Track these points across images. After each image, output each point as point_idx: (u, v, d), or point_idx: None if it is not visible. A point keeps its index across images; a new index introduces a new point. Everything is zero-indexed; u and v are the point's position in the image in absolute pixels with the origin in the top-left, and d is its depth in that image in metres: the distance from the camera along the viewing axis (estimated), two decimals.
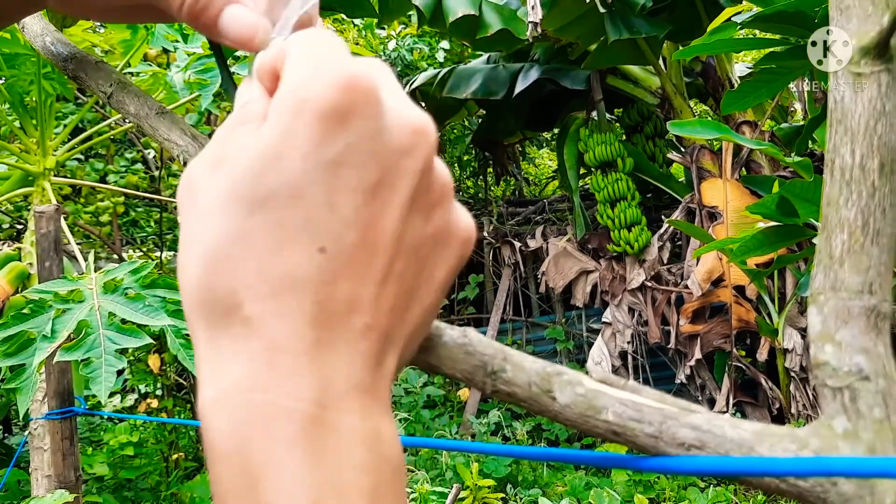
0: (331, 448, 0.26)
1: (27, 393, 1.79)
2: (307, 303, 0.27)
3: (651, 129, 5.99)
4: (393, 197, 0.29)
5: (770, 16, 1.34)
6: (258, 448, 0.26)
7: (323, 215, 0.28)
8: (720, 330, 4.79)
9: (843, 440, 0.33)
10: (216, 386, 0.27)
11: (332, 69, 0.28)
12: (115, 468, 4.08)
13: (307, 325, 0.27)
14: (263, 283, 0.27)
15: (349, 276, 0.28)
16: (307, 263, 0.28)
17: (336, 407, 0.27)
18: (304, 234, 0.28)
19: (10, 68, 2.45)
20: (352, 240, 0.28)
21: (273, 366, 0.27)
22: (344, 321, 0.28)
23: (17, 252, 2.55)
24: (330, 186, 0.28)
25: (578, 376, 0.40)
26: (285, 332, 0.27)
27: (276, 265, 0.27)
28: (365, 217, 0.29)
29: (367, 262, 0.29)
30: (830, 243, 0.34)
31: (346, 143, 0.28)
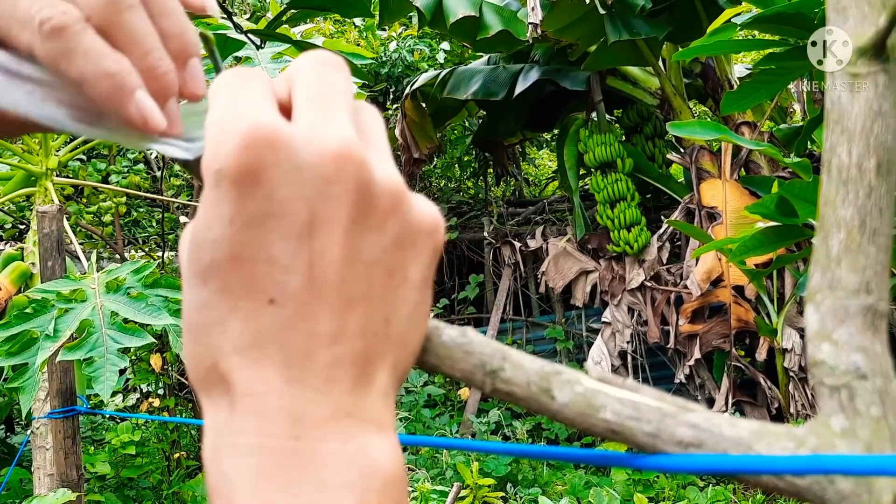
0: (309, 474, 0.28)
1: (30, 392, 1.80)
2: (269, 351, 0.29)
3: (650, 130, 5.99)
4: (332, 229, 0.30)
5: (769, 17, 1.34)
6: (238, 486, 0.28)
7: (263, 270, 0.29)
8: (719, 330, 4.79)
9: (841, 438, 0.33)
10: (208, 439, 0.30)
11: (231, 129, 0.29)
12: (117, 467, 4.08)
13: (273, 370, 0.29)
14: (227, 343, 0.29)
15: (305, 317, 0.29)
16: (261, 317, 0.29)
17: (311, 436, 0.28)
18: (252, 292, 0.29)
19: None
20: (298, 284, 0.29)
21: (247, 410, 0.29)
22: (311, 357, 0.29)
23: (19, 252, 2.55)
24: (261, 241, 0.29)
25: (577, 375, 0.40)
26: (254, 380, 0.29)
27: (235, 325, 0.29)
28: (306, 258, 0.29)
29: (320, 297, 0.29)
30: (827, 243, 0.34)
31: (265, 196, 0.29)
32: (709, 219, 4.79)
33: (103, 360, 1.71)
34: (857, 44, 0.34)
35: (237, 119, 0.29)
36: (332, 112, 0.31)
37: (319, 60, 0.34)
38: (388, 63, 7.11)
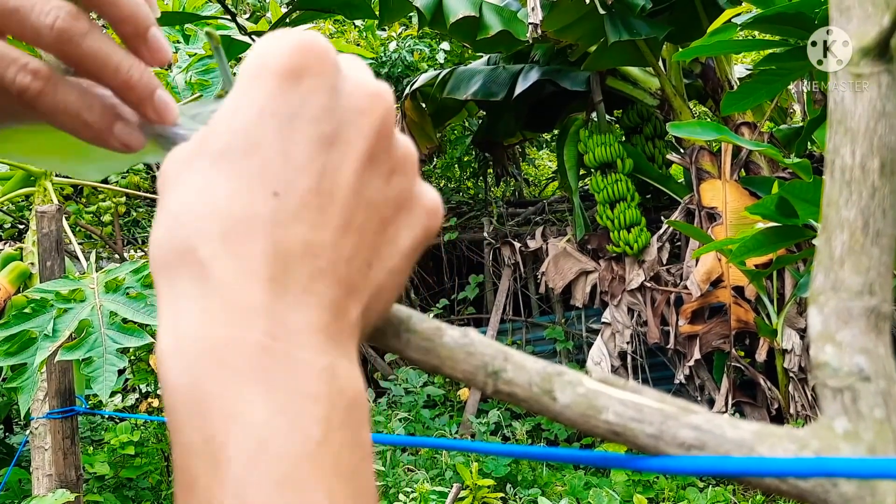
0: (281, 376, 0.27)
1: (28, 392, 1.80)
2: (261, 243, 0.28)
3: (650, 131, 6.00)
4: (349, 151, 0.31)
5: (770, 17, 1.34)
6: (209, 378, 0.27)
7: (277, 163, 0.29)
8: (719, 330, 4.79)
9: (844, 441, 0.33)
10: (172, 330, 0.28)
11: (288, 36, 0.31)
12: (116, 467, 4.08)
13: (261, 263, 0.28)
14: (217, 227, 0.28)
15: (304, 220, 0.29)
16: (261, 206, 0.29)
17: (288, 340, 0.28)
18: (259, 181, 0.29)
19: None
20: (306, 185, 0.29)
21: (226, 302, 0.28)
22: (298, 262, 0.29)
23: (18, 252, 2.55)
24: (284, 136, 0.29)
25: (579, 376, 0.40)
26: (238, 271, 0.28)
27: (231, 209, 0.29)
28: (319, 166, 0.30)
29: (322, 208, 0.30)
30: (831, 244, 0.34)
31: (301, 98, 0.30)
32: (709, 219, 4.79)
33: (102, 360, 1.71)
34: (861, 44, 0.34)
35: (291, 33, 0.31)
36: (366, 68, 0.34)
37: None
38: (388, 63, 7.12)
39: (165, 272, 0.29)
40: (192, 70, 2.34)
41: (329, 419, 0.27)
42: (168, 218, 0.30)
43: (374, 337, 0.41)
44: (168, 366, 0.28)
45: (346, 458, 0.27)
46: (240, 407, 0.26)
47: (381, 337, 0.41)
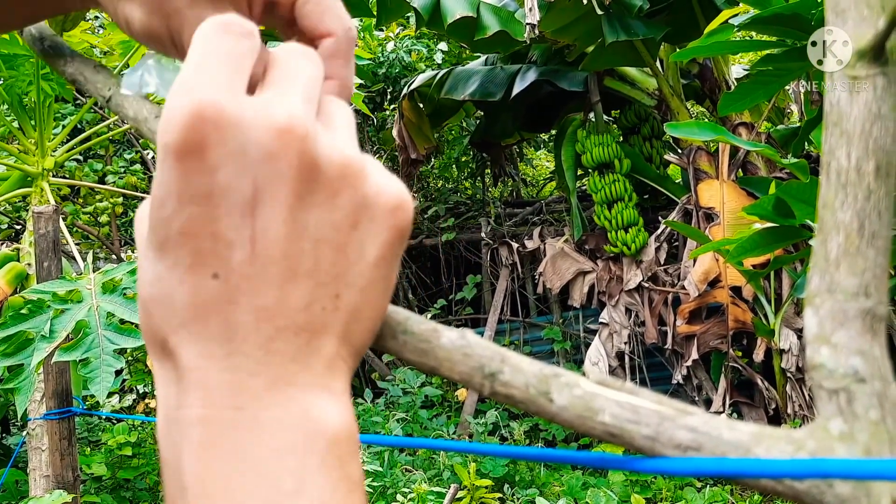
0: (250, 441, 0.29)
1: (25, 393, 1.79)
2: (212, 325, 0.30)
3: (648, 131, 6.00)
4: (273, 204, 0.30)
5: (767, 18, 1.34)
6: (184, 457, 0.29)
7: (208, 245, 0.30)
8: (717, 330, 4.80)
9: (840, 442, 0.33)
10: (160, 413, 0.31)
11: (180, 103, 0.29)
12: (114, 468, 4.08)
13: (216, 343, 0.30)
14: (175, 317, 0.30)
15: (247, 292, 0.30)
16: (204, 291, 0.30)
17: (252, 405, 0.29)
18: (198, 266, 0.30)
19: (9, 69, 2.45)
20: (240, 259, 0.30)
21: (190, 384, 0.30)
22: (252, 331, 0.30)
23: (15, 252, 2.55)
24: (205, 217, 0.30)
25: (576, 378, 0.40)
26: (198, 354, 0.30)
27: (181, 299, 0.30)
28: (248, 234, 0.30)
29: (263, 272, 0.30)
30: (826, 246, 0.34)
31: (209, 174, 0.29)
32: (706, 219, 4.80)
33: (99, 360, 1.71)
34: (856, 46, 0.34)
35: (189, 92, 0.29)
36: (287, 92, 0.32)
37: (295, 49, 0.35)
38: (386, 63, 7.12)
39: (154, 358, 0.32)
40: None
41: (303, 467, 0.29)
42: (141, 309, 0.32)
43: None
44: (160, 445, 0.31)
45: (328, 497, 0.29)
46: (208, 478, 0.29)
47: (379, 339, 0.42)
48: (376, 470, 4.21)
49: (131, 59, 2.62)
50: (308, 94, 0.33)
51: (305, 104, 0.32)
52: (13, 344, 1.75)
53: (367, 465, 4.12)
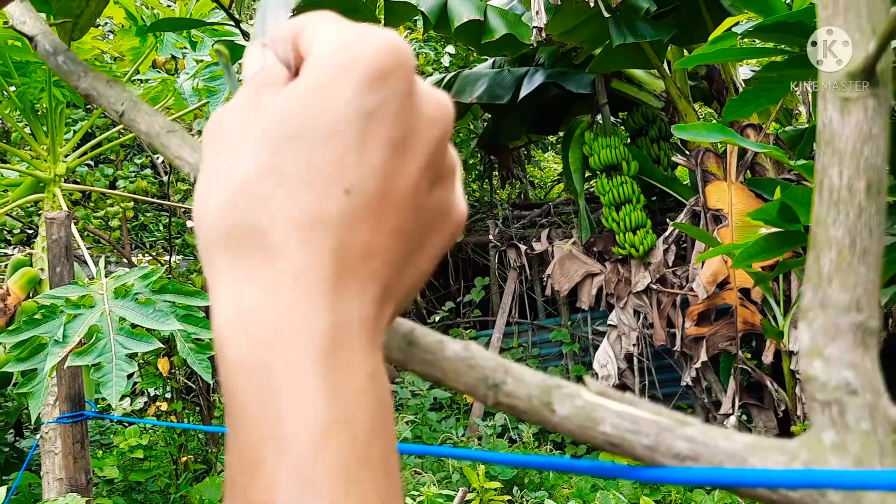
0: (342, 371, 0.28)
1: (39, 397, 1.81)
2: (330, 239, 0.29)
3: (656, 133, 5.99)
4: (414, 158, 0.32)
5: (770, 26, 1.35)
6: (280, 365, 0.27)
7: (352, 159, 0.30)
8: (725, 332, 4.79)
9: (832, 452, 0.34)
10: (235, 308, 0.29)
11: (376, 34, 0.31)
12: (126, 471, 4.10)
13: (328, 259, 0.29)
14: (291, 215, 0.29)
15: (367, 222, 0.30)
16: (334, 202, 0.30)
17: (347, 340, 0.29)
18: (334, 174, 0.30)
19: (22, 76, 2.47)
20: (373, 188, 0.30)
21: (296, 292, 0.28)
22: (359, 263, 0.30)
23: (28, 258, 2.57)
24: (363, 133, 0.30)
25: (577, 389, 0.41)
26: (308, 264, 0.29)
27: (305, 199, 0.29)
28: (387, 170, 0.31)
29: (382, 212, 0.31)
30: (819, 261, 0.35)
31: (383, 99, 0.30)
32: (714, 221, 4.79)
33: (111, 365, 1.72)
34: (848, 69, 0.35)
35: (375, 32, 0.31)
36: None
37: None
38: None
39: (225, 247, 0.30)
40: (199, 77, 2.36)
41: (376, 417, 0.29)
42: (233, 188, 0.30)
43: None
44: (232, 341, 0.29)
45: (389, 454, 0.29)
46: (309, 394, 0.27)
47: (385, 350, 0.43)
48: None
49: (141, 66, 2.64)
50: None
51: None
52: (27, 348, 1.77)
53: None
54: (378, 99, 0.30)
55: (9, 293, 2.34)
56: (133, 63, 2.66)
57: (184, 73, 2.49)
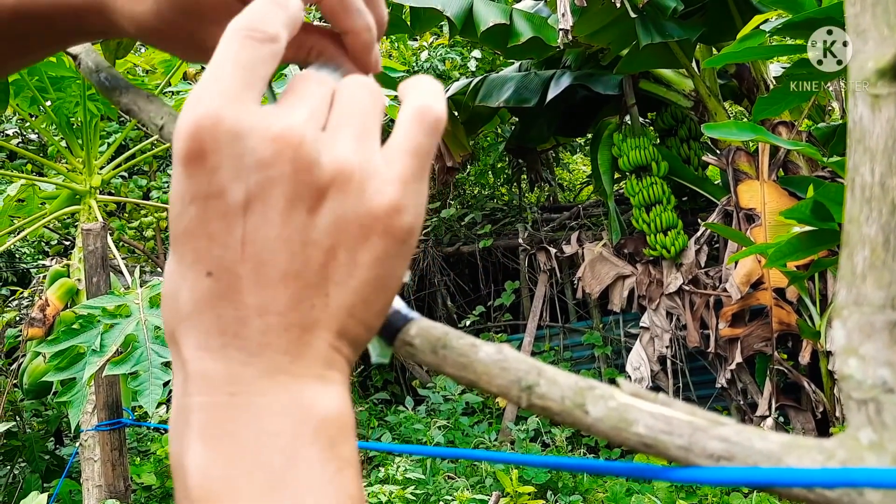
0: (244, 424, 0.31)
1: (78, 406, 1.84)
2: (206, 319, 0.32)
3: (685, 132, 5.94)
4: (265, 208, 0.32)
5: (799, 23, 1.33)
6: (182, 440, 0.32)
7: (204, 244, 0.32)
8: (761, 333, 4.72)
9: (869, 451, 0.34)
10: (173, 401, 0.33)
11: (188, 112, 0.32)
12: (163, 477, 4.14)
13: (211, 336, 0.32)
14: (177, 311, 0.33)
15: (237, 290, 0.32)
16: (200, 288, 0.32)
17: (246, 391, 0.32)
18: (196, 264, 0.32)
19: (57, 91, 2.52)
20: (231, 259, 0.32)
21: (190, 374, 0.32)
22: (243, 325, 0.32)
23: (65, 269, 2.62)
24: (203, 219, 0.32)
25: (611, 390, 0.41)
26: (196, 345, 0.32)
27: (181, 295, 0.33)
28: (241, 236, 0.32)
29: (254, 272, 0.32)
30: (852, 260, 0.35)
31: (208, 178, 0.32)
32: (747, 220, 4.74)
33: (148, 373, 1.75)
34: (878, 65, 0.35)
35: (197, 102, 0.32)
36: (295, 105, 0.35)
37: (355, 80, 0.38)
38: (420, 73, 7.15)
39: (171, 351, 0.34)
40: None
41: (293, 447, 0.31)
42: (161, 303, 0.35)
43: (411, 355, 0.43)
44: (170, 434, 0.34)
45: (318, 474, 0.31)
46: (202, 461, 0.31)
47: (419, 354, 0.43)
48: (419, 478, 4.23)
49: (173, 78, 2.68)
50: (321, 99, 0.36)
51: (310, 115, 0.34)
52: (66, 358, 1.80)
53: (410, 473, 4.13)
54: (202, 180, 0.32)
55: (48, 304, 2.39)
56: (165, 75, 2.70)
57: None
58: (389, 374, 7.00)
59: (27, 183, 2.79)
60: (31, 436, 4.49)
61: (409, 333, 0.42)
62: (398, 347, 0.42)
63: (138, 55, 2.89)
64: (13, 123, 5.74)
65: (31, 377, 2.47)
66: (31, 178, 2.79)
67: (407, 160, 0.35)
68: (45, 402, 4.63)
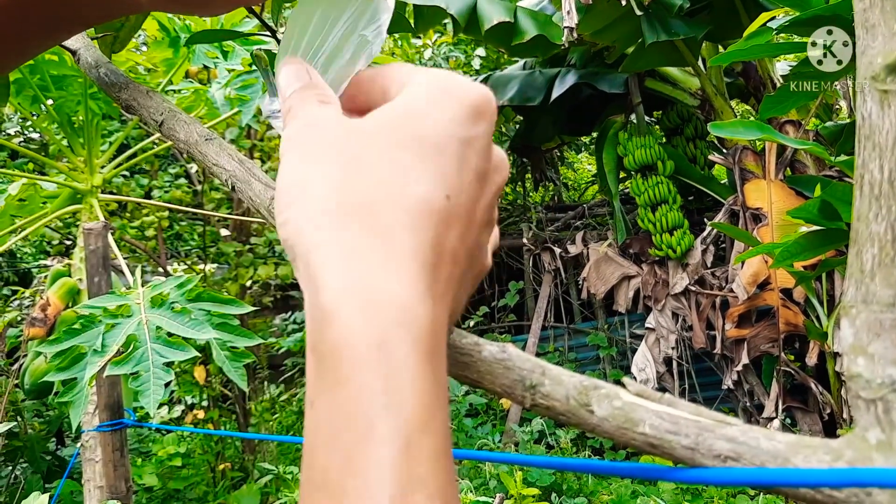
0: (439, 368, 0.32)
1: (79, 406, 1.84)
2: (431, 232, 0.33)
3: (691, 131, 5.92)
4: (489, 191, 0.37)
5: (807, 20, 1.32)
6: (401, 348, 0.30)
7: (453, 172, 0.34)
8: (767, 334, 4.71)
9: (877, 451, 0.33)
10: (347, 279, 0.31)
11: (466, 79, 0.37)
12: (164, 479, 4.15)
13: (429, 250, 0.33)
14: (403, 200, 0.33)
15: (456, 230, 0.34)
16: (438, 202, 0.33)
17: (440, 335, 0.32)
18: (438, 179, 0.34)
19: (58, 89, 2.52)
20: (465, 202, 0.35)
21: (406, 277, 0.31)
22: (448, 263, 0.34)
23: (67, 268, 2.62)
24: (462, 154, 0.35)
25: (616, 390, 0.41)
26: (416, 250, 0.32)
27: (415, 192, 0.33)
28: (474, 191, 0.36)
29: (467, 226, 0.35)
30: (861, 257, 0.34)
31: (477, 133, 0.36)
32: (754, 220, 4.72)
33: (149, 374, 1.74)
34: (887, 61, 0.34)
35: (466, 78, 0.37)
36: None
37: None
38: None
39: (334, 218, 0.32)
40: (230, 86, 2.39)
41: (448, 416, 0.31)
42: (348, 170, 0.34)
43: None
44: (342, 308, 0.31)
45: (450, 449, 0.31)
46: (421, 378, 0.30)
47: None
48: None
49: (174, 77, 2.68)
50: None
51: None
52: (67, 358, 1.80)
53: None
54: (473, 131, 0.35)
55: (49, 303, 2.39)
56: (166, 74, 2.70)
57: (216, 83, 2.52)
58: None
59: (28, 182, 2.79)
60: (32, 436, 4.50)
61: None
62: None
63: (140, 54, 2.89)
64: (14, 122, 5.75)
65: (33, 377, 2.47)
66: (33, 177, 2.79)
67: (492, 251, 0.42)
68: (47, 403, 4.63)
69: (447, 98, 0.35)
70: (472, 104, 0.36)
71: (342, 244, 0.31)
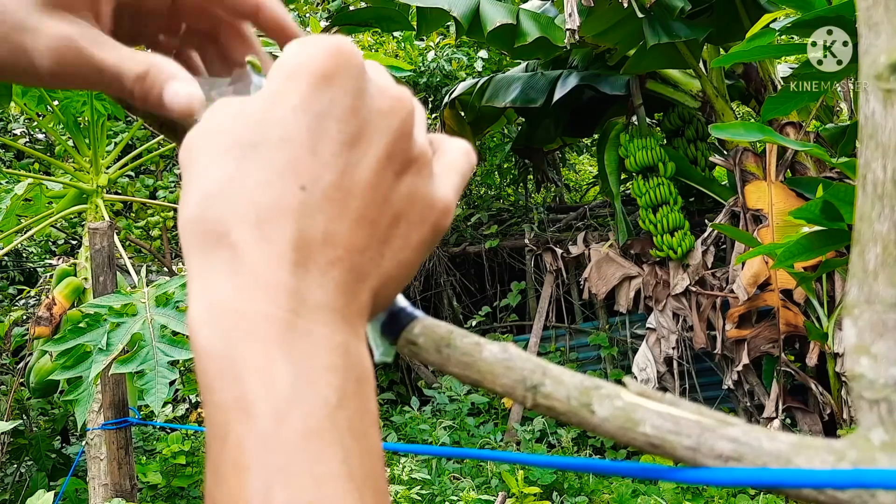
0: (303, 348, 0.30)
1: (84, 404, 1.85)
2: (288, 230, 0.31)
3: (692, 133, 5.92)
4: (369, 151, 0.34)
5: (809, 21, 1.32)
6: (241, 345, 0.30)
7: (305, 158, 0.32)
8: (767, 334, 4.71)
9: (881, 452, 0.33)
10: (205, 300, 0.31)
11: (321, 41, 0.34)
12: (168, 476, 4.16)
13: (287, 249, 0.31)
14: (250, 213, 0.31)
15: (325, 213, 0.32)
16: (289, 198, 0.32)
17: (309, 317, 0.31)
18: (289, 173, 0.32)
19: (64, 90, 2.53)
20: (329, 181, 0.32)
21: (256, 280, 0.31)
22: (318, 250, 0.32)
23: (72, 268, 2.62)
24: (314, 134, 0.32)
25: (617, 389, 0.41)
26: (267, 254, 0.31)
27: (262, 198, 0.31)
28: (342, 163, 0.33)
29: (342, 203, 0.33)
30: (864, 257, 0.34)
31: (331, 99, 0.33)
32: (754, 221, 4.72)
33: (154, 372, 1.75)
34: (890, 59, 0.34)
35: (323, 38, 0.34)
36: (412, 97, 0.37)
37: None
38: (427, 73, 7.15)
39: (199, 248, 0.32)
40: None
41: (343, 388, 0.30)
42: (201, 198, 0.32)
43: (415, 353, 0.42)
44: (201, 333, 0.31)
45: (357, 422, 0.30)
46: (268, 370, 0.29)
47: (423, 353, 0.43)
48: (424, 478, 4.22)
49: None
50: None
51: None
52: (72, 357, 1.81)
53: (415, 473, 4.13)
54: (324, 100, 0.33)
55: (54, 303, 2.39)
56: None
57: None
58: (395, 375, 7.00)
59: (34, 182, 2.79)
60: (37, 434, 4.51)
61: (413, 332, 0.41)
62: (402, 346, 0.42)
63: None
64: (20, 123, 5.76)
65: (38, 376, 2.48)
66: (39, 178, 2.80)
67: (457, 178, 0.39)
68: (52, 401, 4.64)
69: (290, 83, 0.33)
70: (318, 74, 0.33)
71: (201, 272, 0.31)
